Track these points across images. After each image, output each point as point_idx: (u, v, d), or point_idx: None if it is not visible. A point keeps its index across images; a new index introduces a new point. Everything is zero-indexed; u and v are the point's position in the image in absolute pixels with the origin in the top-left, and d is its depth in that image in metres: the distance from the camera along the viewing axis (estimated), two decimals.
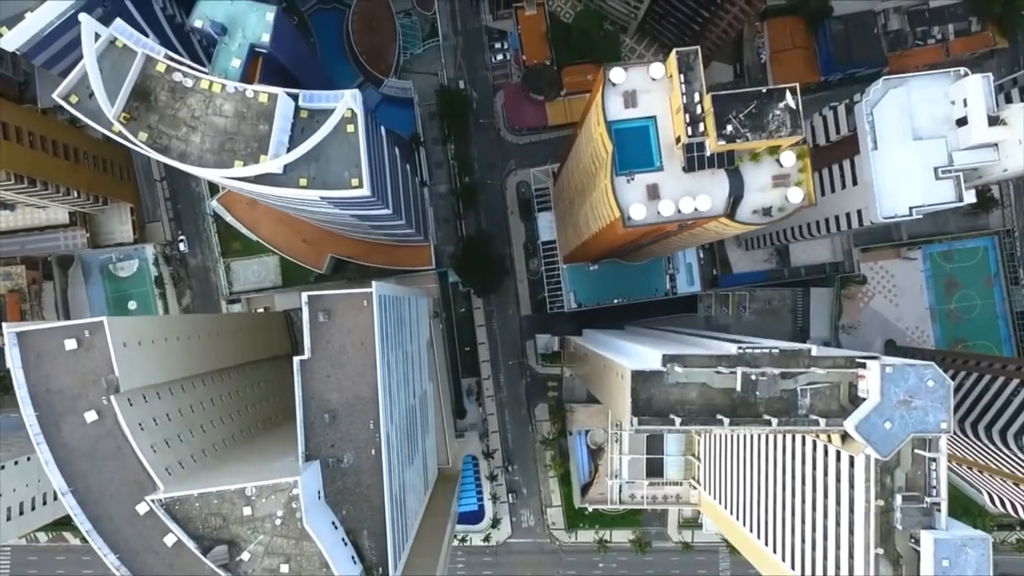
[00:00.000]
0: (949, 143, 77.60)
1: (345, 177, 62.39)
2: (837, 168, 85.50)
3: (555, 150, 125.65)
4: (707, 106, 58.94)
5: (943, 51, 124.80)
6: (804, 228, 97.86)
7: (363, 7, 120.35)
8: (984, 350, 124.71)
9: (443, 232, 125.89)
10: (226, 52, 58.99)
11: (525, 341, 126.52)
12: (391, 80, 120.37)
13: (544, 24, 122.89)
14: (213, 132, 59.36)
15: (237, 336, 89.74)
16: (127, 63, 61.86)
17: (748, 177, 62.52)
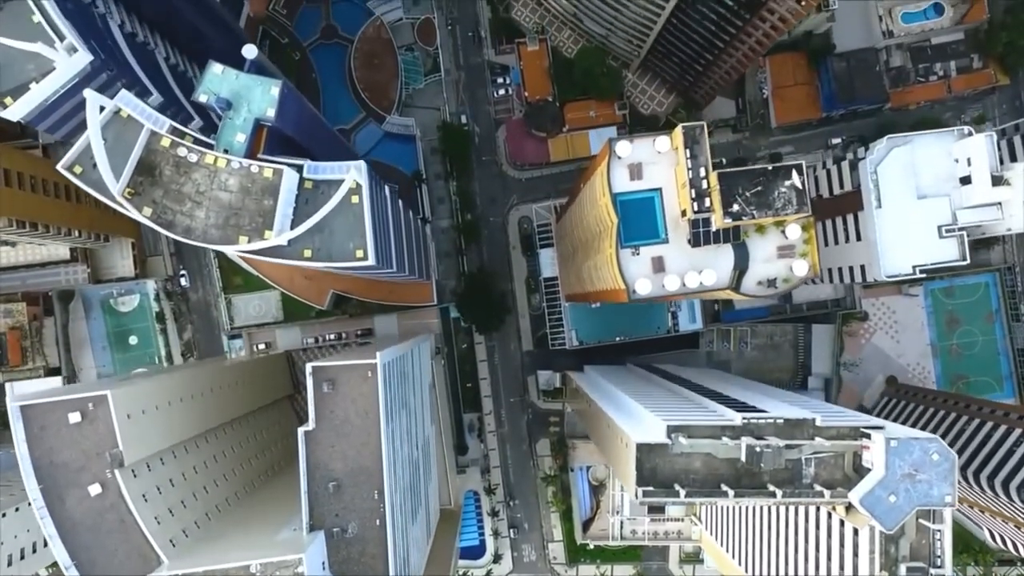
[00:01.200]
0: (953, 201, 77.76)
1: (350, 248, 62.21)
2: (840, 221, 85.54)
3: (557, 185, 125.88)
4: (713, 182, 58.89)
5: (945, 87, 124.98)
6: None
7: (365, 44, 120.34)
8: (985, 387, 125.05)
9: (444, 266, 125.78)
10: (231, 127, 58.79)
11: (527, 376, 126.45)
12: (393, 117, 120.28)
13: (546, 60, 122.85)
14: (218, 207, 59.19)
15: (240, 386, 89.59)
16: (131, 133, 61.69)
17: (753, 248, 62.48)
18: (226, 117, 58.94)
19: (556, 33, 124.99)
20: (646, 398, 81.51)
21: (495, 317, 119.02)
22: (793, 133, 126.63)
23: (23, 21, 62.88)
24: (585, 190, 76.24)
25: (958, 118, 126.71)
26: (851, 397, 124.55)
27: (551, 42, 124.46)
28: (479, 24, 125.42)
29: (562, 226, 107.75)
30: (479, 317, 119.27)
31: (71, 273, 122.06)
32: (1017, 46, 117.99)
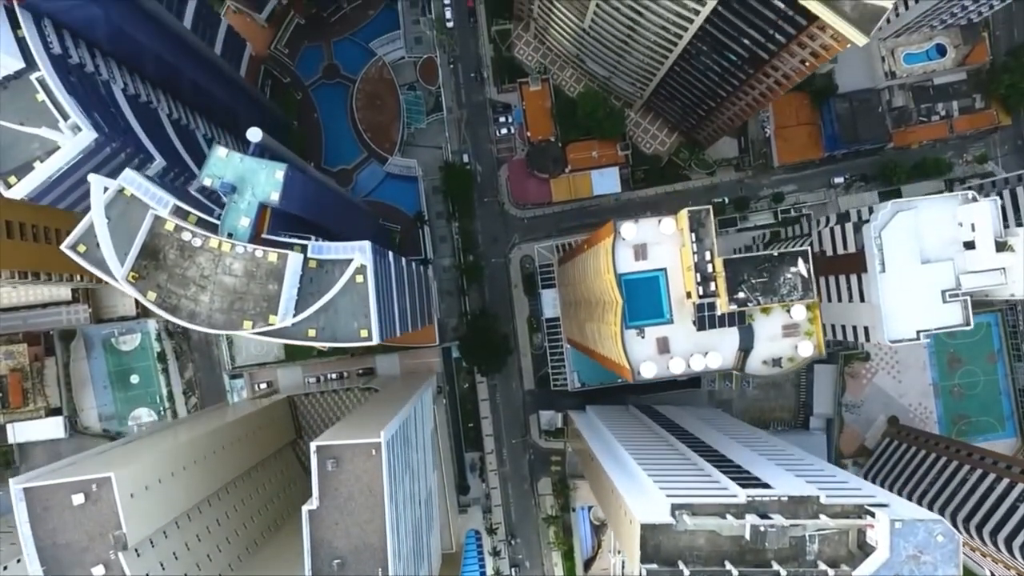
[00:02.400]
0: (956, 266, 77.69)
1: (354, 328, 62.14)
2: (844, 280, 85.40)
3: (559, 224, 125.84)
4: (718, 267, 58.81)
5: (947, 127, 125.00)
6: None
7: (367, 84, 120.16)
8: (987, 427, 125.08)
9: (446, 305, 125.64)
10: (235, 211, 58.64)
11: (528, 415, 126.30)
12: (395, 158, 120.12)
13: (549, 100, 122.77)
14: (222, 292, 59.09)
15: (243, 441, 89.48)
16: (135, 212, 61.71)
17: (758, 328, 62.43)
18: (230, 201, 58.81)
19: (559, 72, 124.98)
20: (648, 460, 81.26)
21: (497, 359, 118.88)
22: (796, 172, 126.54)
23: (27, 99, 62.75)
24: (589, 256, 76.15)
25: (960, 157, 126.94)
26: (853, 438, 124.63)
27: (553, 81, 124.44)
28: (481, 63, 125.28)
29: (564, 273, 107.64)
30: (481, 359, 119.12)
31: (72, 313, 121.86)
32: (1019, 88, 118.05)
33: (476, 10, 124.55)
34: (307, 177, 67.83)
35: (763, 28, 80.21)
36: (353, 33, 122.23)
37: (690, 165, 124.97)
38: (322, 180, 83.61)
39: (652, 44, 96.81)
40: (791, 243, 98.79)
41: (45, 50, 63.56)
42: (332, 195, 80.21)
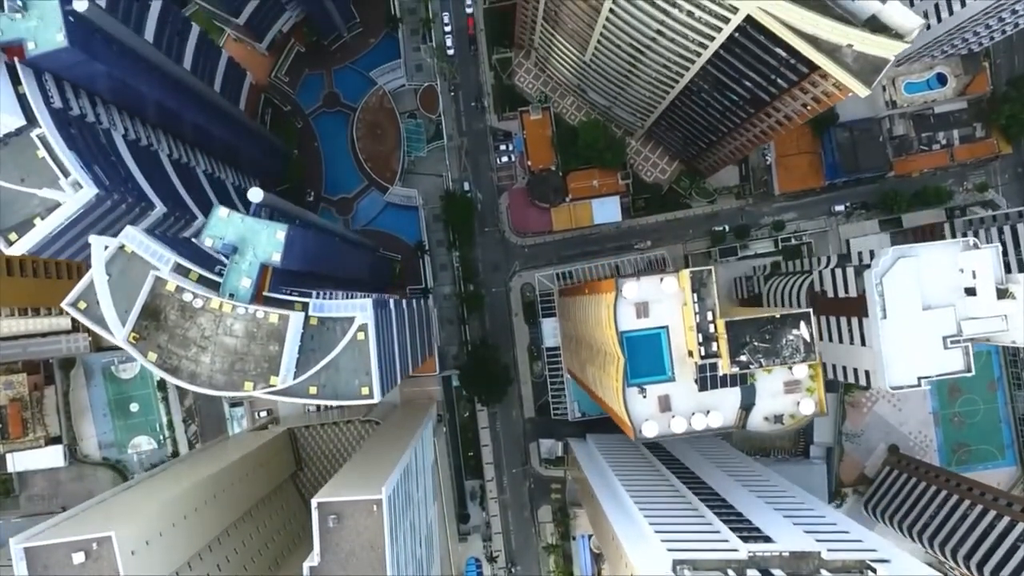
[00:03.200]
0: (958, 312, 77.51)
1: (355, 386, 62.06)
2: (844, 322, 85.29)
3: (560, 252, 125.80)
4: (720, 328, 58.76)
5: (948, 156, 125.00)
6: None
7: (367, 113, 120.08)
8: (987, 455, 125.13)
9: (447, 333, 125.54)
10: (236, 271, 58.52)
11: (528, 443, 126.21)
12: (396, 188, 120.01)
13: (550, 129, 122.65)
14: (223, 352, 58.98)
15: (244, 481, 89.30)
16: (136, 269, 61.64)
17: (760, 385, 62.37)
18: (232, 261, 58.67)
19: (559, 100, 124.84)
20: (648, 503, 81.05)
21: (497, 390, 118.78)
22: (796, 199, 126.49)
23: (28, 155, 62.64)
24: (591, 304, 76.08)
25: (960, 184, 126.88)
26: (853, 466, 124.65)
27: (554, 109, 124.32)
28: (482, 90, 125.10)
29: (565, 308, 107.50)
30: (481, 390, 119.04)
31: (72, 341, 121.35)
32: (1019, 119, 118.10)
33: (477, 38, 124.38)
34: (308, 232, 67.73)
35: (765, 73, 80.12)
36: (354, 61, 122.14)
37: (691, 193, 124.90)
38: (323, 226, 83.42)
39: (654, 79, 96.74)
40: (792, 278, 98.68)
41: (46, 105, 63.43)
42: (333, 244, 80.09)
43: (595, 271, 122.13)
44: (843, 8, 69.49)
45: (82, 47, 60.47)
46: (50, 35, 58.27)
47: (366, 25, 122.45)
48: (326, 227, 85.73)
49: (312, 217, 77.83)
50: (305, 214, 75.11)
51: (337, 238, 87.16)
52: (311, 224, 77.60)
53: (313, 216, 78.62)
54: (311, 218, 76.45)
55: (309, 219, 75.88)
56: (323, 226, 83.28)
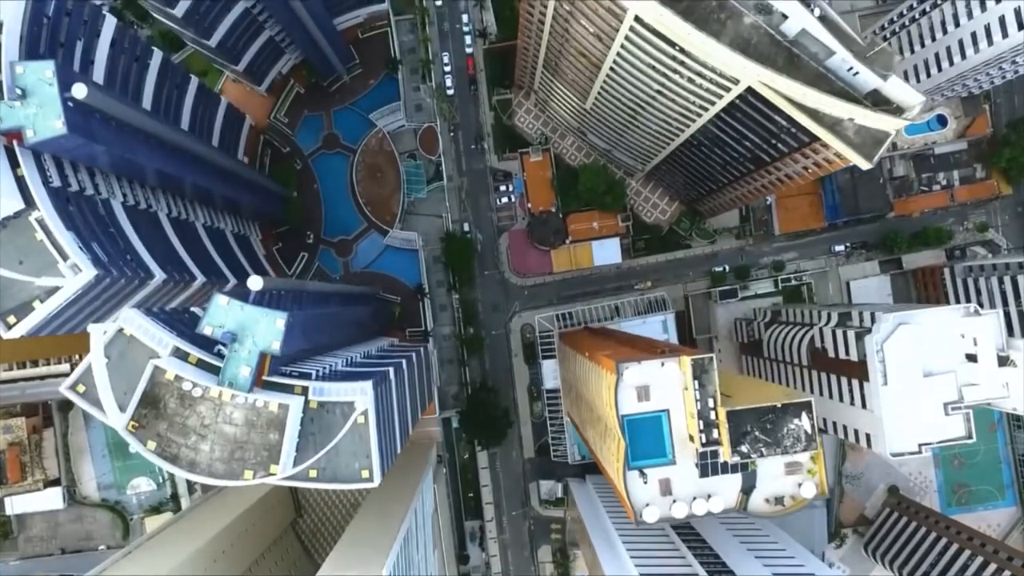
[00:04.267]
0: (959, 378, 77.42)
1: (355, 468, 61.91)
2: (846, 382, 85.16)
3: (560, 292, 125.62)
4: (722, 417, 58.62)
5: (948, 197, 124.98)
6: None
7: (367, 156, 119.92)
8: (987, 496, 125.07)
9: (447, 373, 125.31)
10: (236, 360, 58.28)
11: (528, 483, 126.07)
12: (395, 231, 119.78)
13: (550, 171, 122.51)
14: (223, 441, 58.78)
15: (247, 535, 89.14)
16: (135, 352, 61.53)
17: (761, 469, 62.21)
18: (231, 350, 58.44)
19: (559, 140, 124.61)
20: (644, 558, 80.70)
21: (497, 434, 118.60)
22: (797, 239, 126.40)
23: (27, 237, 62.35)
24: (591, 373, 75.92)
25: (961, 224, 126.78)
26: (853, 507, 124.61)
27: (554, 149, 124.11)
28: (482, 130, 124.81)
29: (565, 357, 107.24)
30: (481, 434, 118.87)
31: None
32: (1019, 163, 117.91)
33: (477, 78, 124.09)
34: (308, 313, 67.52)
35: (766, 137, 79.96)
36: (353, 102, 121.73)
37: (691, 234, 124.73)
38: (321, 293, 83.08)
39: (654, 131, 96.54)
40: (792, 329, 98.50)
41: (44, 185, 63.21)
42: (331, 315, 79.90)
43: (595, 312, 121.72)
44: (844, 81, 69.29)
45: (81, 132, 60.18)
46: (49, 122, 57.93)
47: (366, 66, 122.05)
48: (325, 291, 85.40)
49: (312, 286, 77.55)
50: (304, 285, 74.89)
51: (336, 301, 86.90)
52: (311, 295, 77.27)
53: (313, 285, 78.34)
54: (310, 288, 76.17)
55: (308, 289, 75.61)
56: (322, 292, 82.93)
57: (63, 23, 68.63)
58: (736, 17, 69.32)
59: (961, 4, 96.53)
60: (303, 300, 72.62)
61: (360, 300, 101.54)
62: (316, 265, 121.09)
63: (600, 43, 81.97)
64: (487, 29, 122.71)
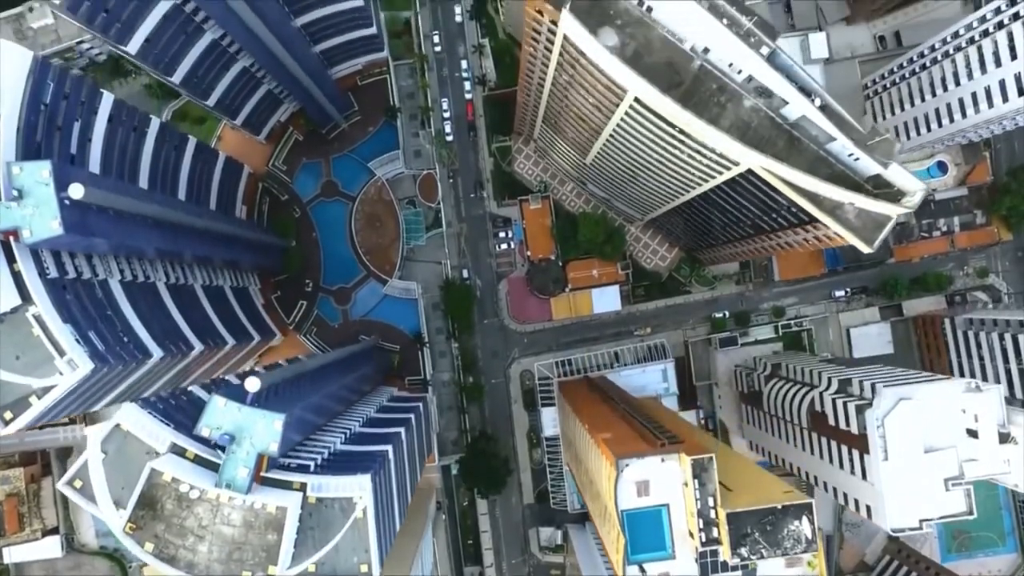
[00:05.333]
0: (959, 453, 77.18)
1: (354, 563, 61.68)
2: (846, 450, 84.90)
3: (559, 338, 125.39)
4: (721, 517, 58.40)
5: (948, 243, 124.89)
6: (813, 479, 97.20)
7: (366, 205, 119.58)
8: (988, 542, 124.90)
9: (446, 419, 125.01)
10: (233, 461, 57.98)
11: (528, 529, 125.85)
12: (394, 281, 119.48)
13: (549, 218, 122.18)
14: (221, 541, 58.51)
15: None
16: (132, 447, 61.45)
17: (761, 567, 61.95)
18: (229, 451, 58.13)
19: (559, 186, 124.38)
20: None
21: (497, 484, 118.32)
22: (797, 284, 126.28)
23: (24, 333, 61.81)
24: (591, 451, 75.70)
25: (961, 268, 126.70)
26: (853, 554, 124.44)
27: (554, 195, 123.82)
28: (481, 176, 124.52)
29: (565, 414, 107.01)
30: (481, 483, 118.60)
31: (69, 432, 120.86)
32: (1020, 211, 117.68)
33: (476, 124, 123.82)
34: (307, 403, 67.21)
35: (767, 211, 79.76)
36: (352, 150, 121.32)
37: (691, 281, 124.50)
38: (322, 367, 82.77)
39: (654, 191, 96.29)
40: (793, 386, 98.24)
41: (41, 278, 62.75)
42: (331, 393, 79.60)
43: (594, 359, 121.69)
44: (845, 165, 69.15)
45: (78, 230, 59.86)
46: (46, 223, 57.49)
47: (364, 113, 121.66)
48: (325, 364, 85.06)
49: (310, 365, 77.19)
50: (302, 367, 74.52)
51: (336, 371, 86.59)
52: (309, 374, 76.99)
53: (311, 363, 77.93)
54: (309, 367, 75.83)
55: (307, 370, 75.28)
56: (322, 367, 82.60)
57: (61, 106, 68.28)
58: (736, 100, 69.17)
59: (961, 64, 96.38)
60: (302, 383, 72.32)
61: (360, 359, 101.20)
62: (315, 313, 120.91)
63: (600, 113, 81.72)
64: (486, 76, 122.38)
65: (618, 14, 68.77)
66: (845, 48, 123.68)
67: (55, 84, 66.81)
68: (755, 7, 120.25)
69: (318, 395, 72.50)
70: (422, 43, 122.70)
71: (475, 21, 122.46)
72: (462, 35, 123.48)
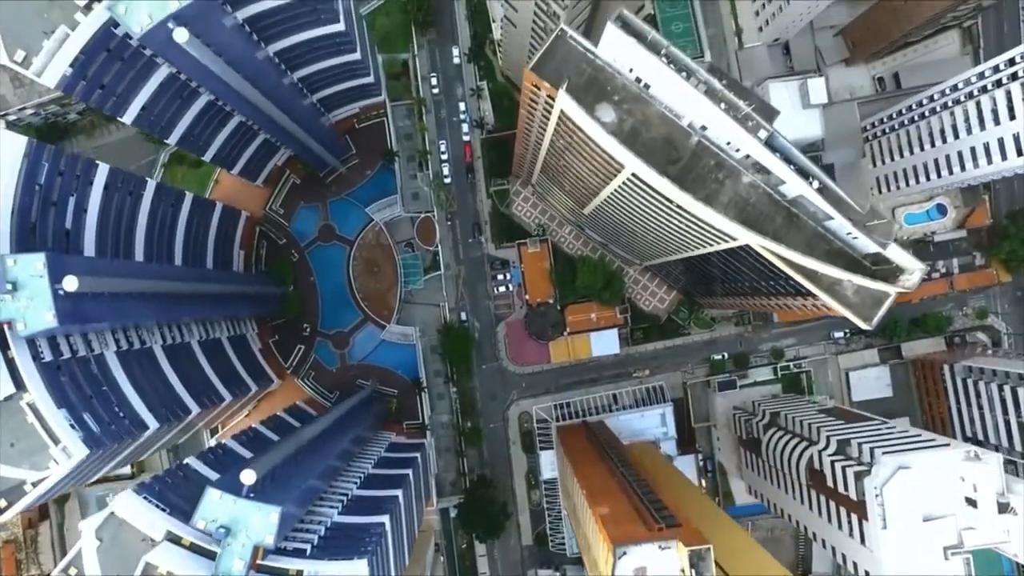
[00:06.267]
0: (959, 522, 76.96)
1: None
2: (845, 512, 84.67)
3: (558, 380, 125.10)
4: None
5: (947, 284, 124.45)
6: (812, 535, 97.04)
7: (364, 250, 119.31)
8: None
9: (444, 460, 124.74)
10: (229, 553, 57.64)
11: (526, 571, 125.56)
12: (392, 326, 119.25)
13: (547, 262, 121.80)
14: None
15: None
16: (128, 534, 61.16)
17: None
18: (224, 544, 57.86)
19: (557, 229, 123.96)
20: None
21: (495, 529, 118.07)
22: (795, 326, 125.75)
23: (18, 420, 61.73)
24: (588, 521, 75.39)
25: (960, 309, 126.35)
26: None
27: (552, 238, 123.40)
28: (479, 218, 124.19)
29: (564, 464, 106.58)
30: (479, 528, 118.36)
31: None
32: (1019, 255, 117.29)
33: (474, 166, 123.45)
34: (302, 489, 66.88)
35: (766, 279, 79.43)
36: (350, 193, 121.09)
37: (689, 323, 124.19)
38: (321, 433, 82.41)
39: (652, 245, 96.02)
40: (792, 440, 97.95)
41: (35, 362, 62.51)
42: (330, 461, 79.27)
43: (593, 402, 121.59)
44: (844, 241, 68.85)
45: (73, 319, 59.59)
46: (40, 315, 57.29)
47: (362, 156, 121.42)
48: (325, 427, 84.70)
49: (307, 434, 76.70)
50: (300, 438, 74.03)
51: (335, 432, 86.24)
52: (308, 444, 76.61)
53: (309, 431, 77.43)
54: (305, 438, 75.31)
55: (303, 442, 74.81)
56: (321, 433, 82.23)
57: (56, 183, 68.09)
58: (735, 176, 68.90)
59: (960, 118, 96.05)
60: (299, 458, 71.97)
61: (358, 414, 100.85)
62: (312, 357, 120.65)
63: (597, 178, 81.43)
64: (484, 119, 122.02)
65: (615, 90, 68.48)
66: (844, 89, 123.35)
67: (50, 164, 66.63)
68: (754, 50, 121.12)
69: (315, 471, 72.16)
70: (420, 85, 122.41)
71: (473, 64, 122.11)
72: (460, 77, 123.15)
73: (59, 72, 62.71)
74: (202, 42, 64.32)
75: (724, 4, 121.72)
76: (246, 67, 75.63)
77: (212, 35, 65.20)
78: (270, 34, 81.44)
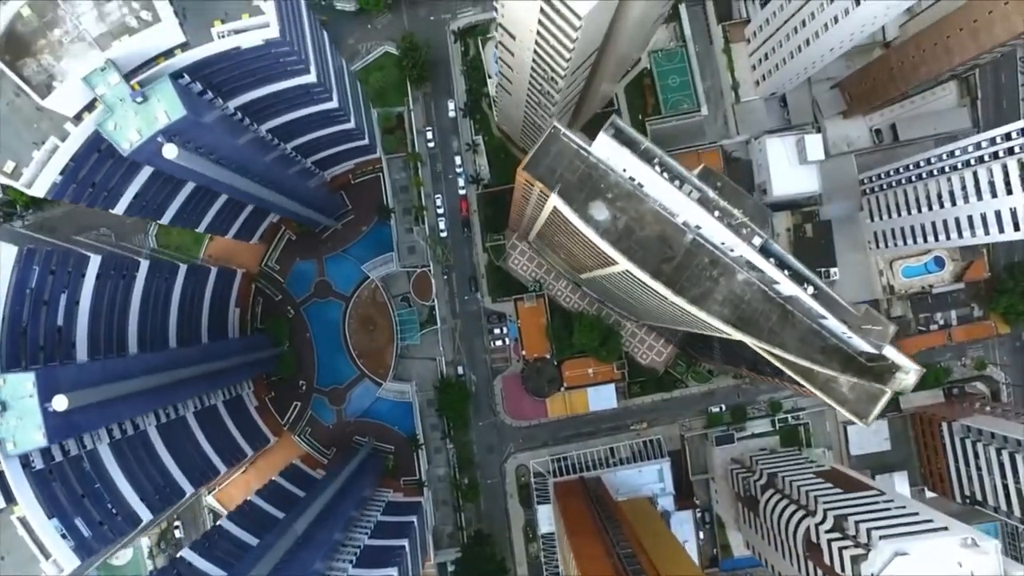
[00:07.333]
0: None
1: None
2: None
3: (555, 434, 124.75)
4: None
5: (946, 336, 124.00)
6: None
7: (359, 307, 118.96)
8: None
9: (442, 513, 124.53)
10: None
11: None
12: (389, 384, 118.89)
13: (544, 317, 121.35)
14: None
15: None
16: None
17: None
18: None
19: (554, 282, 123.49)
20: None
21: None
22: None
23: (9, 534, 61.50)
24: None
25: (959, 359, 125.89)
26: None
27: (548, 291, 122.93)
28: (476, 272, 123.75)
29: (560, 527, 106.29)
30: None
31: None
32: (1017, 309, 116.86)
33: (470, 220, 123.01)
34: None
35: (764, 363, 78.99)
36: (345, 249, 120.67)
37: (687, 377, 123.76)
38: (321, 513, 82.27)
39: (649, 314, 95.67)
40: (789, 506, 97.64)
41: (24, 469, 62.16)
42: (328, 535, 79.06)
43: (590, 456, 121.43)
44: (839, 339, 68.42)
45: (63, 436, 59.33)
46: (29, 435, 57.02)
47: (358, 212, 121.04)
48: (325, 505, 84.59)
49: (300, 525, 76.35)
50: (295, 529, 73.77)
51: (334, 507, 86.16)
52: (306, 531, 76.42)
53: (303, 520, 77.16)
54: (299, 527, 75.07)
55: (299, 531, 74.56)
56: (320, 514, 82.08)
57: (47, 283, 67.74)
58: (729, 274, 68.48)
59: (957, 184, 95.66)
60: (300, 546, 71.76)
61: (357, 478, 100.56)
62: (309, 414, 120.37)
63: (593, 262, 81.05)
64: (480, 174, 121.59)
65: (609, 187, 68.07)
66: (842, 141, 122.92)
67: (41, 266, 66.27)
68: (750, 104, 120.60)
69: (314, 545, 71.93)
70: (415, 140, 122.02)
71: (468, 118, 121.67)
72: (456, 131, 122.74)
73: (49, 181, 62.33)
74: (192, 148, 63.90)
75: (721, 58, 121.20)
76: (236, 157, 75.23)
77: (202, 139, 64.80)
78: (264, 116, 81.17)
